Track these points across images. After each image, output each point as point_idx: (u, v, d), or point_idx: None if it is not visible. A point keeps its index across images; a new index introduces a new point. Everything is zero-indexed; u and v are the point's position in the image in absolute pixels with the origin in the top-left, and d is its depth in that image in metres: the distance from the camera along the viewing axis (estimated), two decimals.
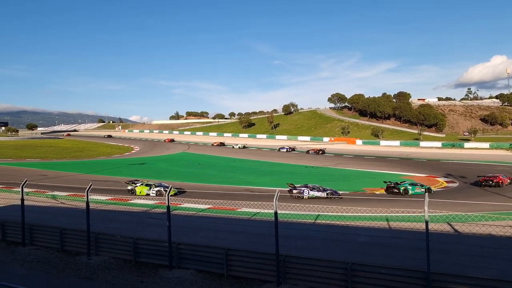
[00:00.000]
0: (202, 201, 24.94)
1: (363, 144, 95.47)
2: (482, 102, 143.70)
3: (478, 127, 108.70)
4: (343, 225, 16.44)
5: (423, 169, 51.79)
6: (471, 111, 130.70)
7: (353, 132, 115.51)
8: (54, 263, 12.65)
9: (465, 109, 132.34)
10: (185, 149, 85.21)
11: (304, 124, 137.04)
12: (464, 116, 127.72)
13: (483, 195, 31.61)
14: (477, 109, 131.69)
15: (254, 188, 35.42)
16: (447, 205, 23.02)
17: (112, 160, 63.75)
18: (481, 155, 66.68)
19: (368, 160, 64.29)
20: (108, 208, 23.80)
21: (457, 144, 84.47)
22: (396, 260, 10.46)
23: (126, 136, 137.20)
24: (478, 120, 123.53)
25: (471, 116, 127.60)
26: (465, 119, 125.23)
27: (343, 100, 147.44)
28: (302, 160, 64.38)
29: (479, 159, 60.04)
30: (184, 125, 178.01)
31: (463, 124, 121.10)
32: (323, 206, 19.42)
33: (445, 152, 74.45)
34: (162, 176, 42.31)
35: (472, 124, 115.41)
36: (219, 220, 19.65)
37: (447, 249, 12.09)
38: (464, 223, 14.84)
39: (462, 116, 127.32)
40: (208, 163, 61.18)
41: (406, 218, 18.21)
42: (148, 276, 11.24)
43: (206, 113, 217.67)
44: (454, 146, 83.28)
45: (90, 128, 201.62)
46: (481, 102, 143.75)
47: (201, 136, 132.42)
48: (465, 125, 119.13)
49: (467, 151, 75.34)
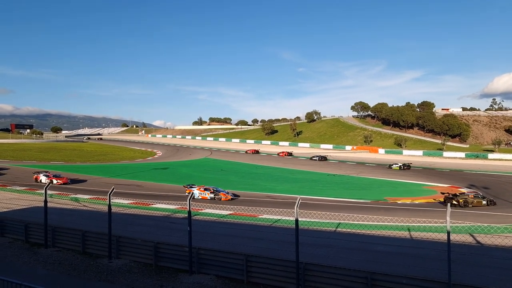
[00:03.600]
0: (223, 207, 25.17)
1: (385, 153, 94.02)
2: (507, 113, 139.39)
3: (502, 138, 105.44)
4: (364, 233, 16.29)
5: (446, 179, 50.60)
6: (496, 122, 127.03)
7: (375, 141, 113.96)
8: (76, 265, 12.86)
9: (489, 120, 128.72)
10: (208, 155, 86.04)
11: (327, 132, 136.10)
12: (488, 126, 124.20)
13: (508, 206, 30.68)
14: (501, 120, 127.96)
15: (276, 195, 35.42)
16: (469, 216, 22.46)
17: (135, 164, 65.00)
18: (506, 167, 64.78)
19: (390, 169, 63.27)
20: (130, 212, 24.20)
21: (481, 155, 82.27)
22: (417, 270, 10.32)
23: (165, 142, 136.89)
24: (502, 131, 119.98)
25: (495, 127, 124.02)
26: (489, 130, 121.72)
27: (366, 109, 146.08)
28: (325, 168, 63.94)
29: (503, 171, 58.23)
30: (207, 130, 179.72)
31: (487, 135, 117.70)
32: (344, 214, 19.28)
33: (469, 163, 72.58)
34: (184, 181, 42.89)
35: (496, 135, 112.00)
36: (240, 226, 19.76)
37: (469, 260, 11.83)
38: (487, 235, 14.47)
39: (486, 127, 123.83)
40: (230, 169, 61.54)
41: (428, 228, 17.90)
42: (168, 281, 11.36)
43: (229, 119, 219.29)
44: (478, 157, 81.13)
45: (113, 132, 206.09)
46: (506, 113, 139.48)
47: (252, 144, 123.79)
48: (490, 136, 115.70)
49: (491, 162, 73.44)
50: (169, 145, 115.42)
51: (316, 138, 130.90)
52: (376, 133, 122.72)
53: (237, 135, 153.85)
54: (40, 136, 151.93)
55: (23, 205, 23.10)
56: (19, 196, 28.75)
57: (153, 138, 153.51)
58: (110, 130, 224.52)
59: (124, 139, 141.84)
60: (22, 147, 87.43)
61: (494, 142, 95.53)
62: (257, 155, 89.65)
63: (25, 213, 19.87)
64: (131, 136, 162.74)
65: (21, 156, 66.77)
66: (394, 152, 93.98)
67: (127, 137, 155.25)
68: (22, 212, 20.57)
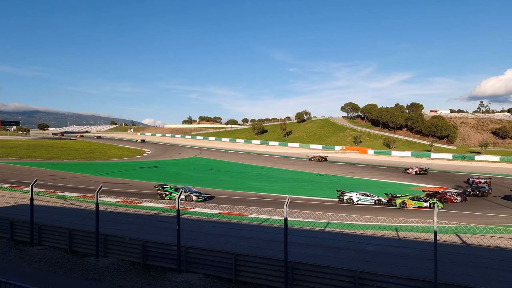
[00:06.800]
0: (212, 205, 25.10)
1: (374, 154, 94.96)
2: (494, 116, 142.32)
3: (489, 140, 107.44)
4: (352, 233, 16.41)
5: (433, 180, 51.33)
6: (483, 124, 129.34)
7: (365, 142, 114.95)
8: (62, 263, 12.69)
9: (476, 122, 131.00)
10: (197, 154, 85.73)
11: (316, 132, 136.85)
12: (475, 128, 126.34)
13: (493, 207, 31.30)
14: (488, 122, 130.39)
15: (265, 195, 35.46)
16: (456, 217, 22.80)
17: (124, 163, 64.42)
18: (491, 168, 66.06)
19: (379, 170, 63.86)
20: (118, 210, 23.98)
21: (468, 156, 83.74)
22: (404, 269, 10.44)
23: (156, 140, 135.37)
24: (489, 133, 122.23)
25: (482, 129, 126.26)
26: (476, 132, 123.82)
27: (356, 110, 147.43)
28: (314, 168, 64.22)
29: (489, 172, 59.32)
30: (196, 129, 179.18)
31: (474, 137, 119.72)
32: (332, 214, 19.41)
33: (456, 164, 73.74)
34: (173, 180, 42.66)
35: (483, 137, 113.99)
36: (229, 225, 19.73)
37: (455, 260, 12.00)
38: (473, 235, 14.72)
39: (473, 129, 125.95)
40: (220, 168, 61.39)
41: (415, 228, 18.13)
42: (156, 279, 11.30)
43: (219, 118, 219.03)
44: (464, 158, 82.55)
45: (101, 130, 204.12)
46: (493, 115, 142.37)
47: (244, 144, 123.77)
48: (477, 137, 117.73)
49: (478, 164, 74.90)
50: (159, 144, 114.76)
51: (306, 138, 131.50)
52: (365, 134, 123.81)
53: (227, 134, 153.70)
54: (26, 133, 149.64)
55: (9, 203, 22.67)
56: (5, 193, 28.22)
57: (142, 136, 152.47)
58: (98, 127, 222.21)
59: (117, 137, 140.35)
60: (8, 144, 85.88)
61: (481, 144, 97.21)
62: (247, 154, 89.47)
63: (10, 210, 19.54)
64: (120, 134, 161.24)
65: (7, 153, 65.61)
66: (383, 153, 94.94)
67: (116, 135, 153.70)
68: (8, 210, 20.20)
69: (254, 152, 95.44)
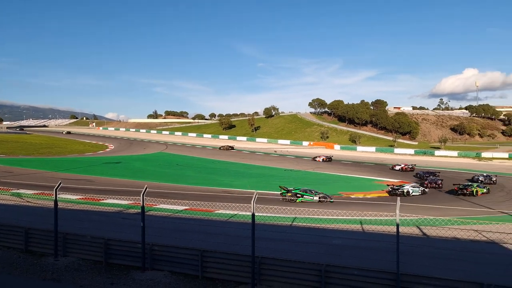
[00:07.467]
0: (178, 202, 24.64)
1: (341, 149, 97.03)
2: (453, 113, 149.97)
3: (448, 136, 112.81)
4: (319, 227, 16.63)
5: (396, 175, 53.16)
6: (442, 121, 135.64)
7: (331, 137, 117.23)
8: (18, 264, 12.08)
9: (437, 119, 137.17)
10: (163, 149, 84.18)
11: (284, 127, 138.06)
12: (436, 125, 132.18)
13: (451, 200, 32.83)
14: (447, 119, 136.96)
15: (233, 190, 35.32)
16: (416, 210, 23.67)
17: (85, 158, 62.15)
18: (450, 163, 69.30)
19: (345, 165, 65.31)
20: (79, 208, 23.10)
21: (428, 151, 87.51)
22: (368, 261, 10.67)
23: (118, 135, 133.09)
24: (448, 129, 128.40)
25: (442, 125, 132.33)
26: (436, 128, 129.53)
27: (323, 106, 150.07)
28: (282, 163, 64.73)
29: (448, 167, 62.15)
30: (162, 124, 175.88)
31: (434, 133, 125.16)
32: (300, 209, 19.61)
33: (417, 159, 76.67)
34: (138, 176, 41.63)
35: (442, 133, 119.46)
36: (195, 221, 19.47)
37: (416, 251, 12.43)
38: (432, 227, 15.32)
39: (434, 125, 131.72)
40: (187, 163, 60.60)
41: (379, 221, 18.62)
42: (119, 278, 10.96)
43: (185, 113, 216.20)
44: (425, 153, 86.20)
45: (61, 124, 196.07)
46: (452, 113, 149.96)
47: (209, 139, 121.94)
48: (437, 133, 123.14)
49: (437, 159, 78.42)
50: (122, 138, 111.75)
51: (274, 133, 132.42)
52: (332, 129, 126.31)
53: (194, 129, 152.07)
54: None
55: None
56: None
57: (105, 131, 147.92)
58: (57, 122, 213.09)
59: (74, 131, 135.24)
60: None
61: (440, 140, 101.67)
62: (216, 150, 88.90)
63: None
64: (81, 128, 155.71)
65: None
66: (349, 148, 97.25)
67: (77, 129, 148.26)
68: None
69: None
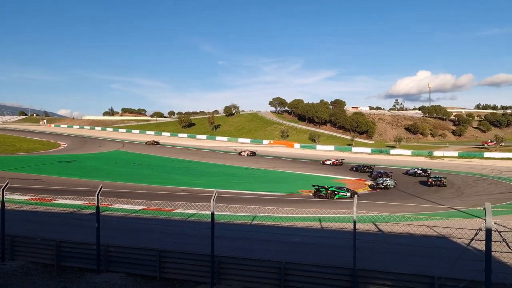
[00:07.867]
0: (136, 201, 23.95)
1: (300, 148, 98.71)
2: (407, 113, 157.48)
3: (402, 135, 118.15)
4: (279, 225, 16.77)
5: (354, 173, 54.87)
6: (397, 121, 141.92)
7: (292, 136, 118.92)
8: None
9: (392, 119, 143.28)
10: (120, 147, 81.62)
11: (245, 126, 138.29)
12: (391, 125, 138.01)
13: (404, 197, 34.38)
14: (402, 119, 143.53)
15: (192, 189, 34.91)
16: (372, 207, 24.55)
17: (35, 157, 58.98)
18: (404, 161, 72.57)
19: (305, 164, 66.50)
20: (29, 209, 21.86)
21: (384, 150, 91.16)
22: (327, 258, 10.91)
23: (71, 132, 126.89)
24: (403, 129, 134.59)
25: (397, 125, 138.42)
26: (392, 128, 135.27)
27: (283, 105, 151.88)
28: (242, 162, 64.80)
29: (402, 165, 65.05)
30: (119, 122, 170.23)
31: (390, 132, 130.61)
32: (260, 207, 19.73)
33: (374, 158, 79.59)
34: (92, 175, 40.09)
35: (397, 133, 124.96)
36: (153, 221, 19.02)
37: (372, 247, 12.86)
38: (387, 223, 15.93)
39: (389, 125, 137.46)
40: (144, 162, 59.14)
41: (337, 218, 19.10)
42: (72, 281, 10.49)
43: (143, 110, 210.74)
44: (381, 152, 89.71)
45: (8, 121, 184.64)
46: (406, 113, 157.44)
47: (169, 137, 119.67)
48: (392, 133, 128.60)
49: (392, 157, 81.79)
50: (76, 136, 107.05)
51: (234, 132, 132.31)
52: (292, 128, 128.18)
53: (152, 127, 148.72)
54: None
55: None
56: None
57: (57, 128, 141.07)
58: (5, 118, 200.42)
59: (23, 128, 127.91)
60: None
61: (395, 139, 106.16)
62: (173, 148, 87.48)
63: None
64: (30, 125, 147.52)
65: None
66: (309, 147, 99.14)
67: (26, 126, 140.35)
68: None
69: (180, 145, 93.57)
